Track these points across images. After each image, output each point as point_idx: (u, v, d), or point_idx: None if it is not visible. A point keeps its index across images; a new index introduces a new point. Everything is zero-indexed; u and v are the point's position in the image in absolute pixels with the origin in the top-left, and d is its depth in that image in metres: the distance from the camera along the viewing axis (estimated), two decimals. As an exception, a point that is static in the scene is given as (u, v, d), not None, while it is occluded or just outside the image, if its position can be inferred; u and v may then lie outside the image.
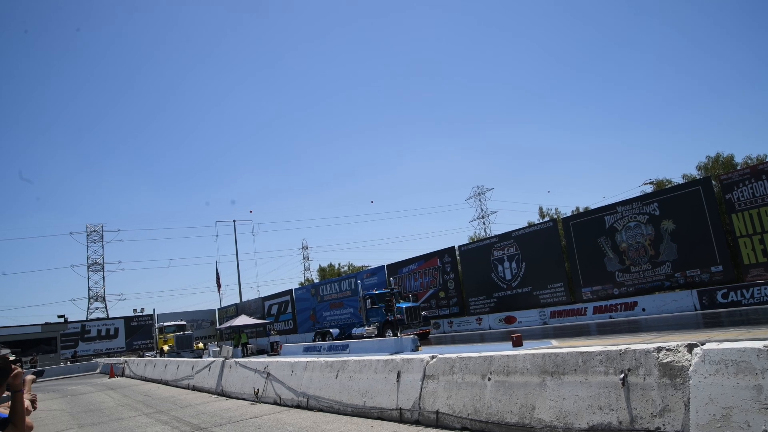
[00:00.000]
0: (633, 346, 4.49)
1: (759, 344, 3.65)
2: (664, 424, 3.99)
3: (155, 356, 36.72)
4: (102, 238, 65.07)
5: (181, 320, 46.47)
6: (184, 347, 36.83)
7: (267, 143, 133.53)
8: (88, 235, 64.51)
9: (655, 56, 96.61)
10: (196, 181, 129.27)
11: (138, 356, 41.10)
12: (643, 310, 22.96)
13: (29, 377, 2.63)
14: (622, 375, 4.38)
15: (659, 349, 4.24)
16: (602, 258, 25.29)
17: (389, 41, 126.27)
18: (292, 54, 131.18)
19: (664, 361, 4.15)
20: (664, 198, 23.43)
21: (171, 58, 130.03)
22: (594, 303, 25.17)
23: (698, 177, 29.91)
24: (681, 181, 31.68)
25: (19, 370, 2.16)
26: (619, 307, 23.98)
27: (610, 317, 23.90)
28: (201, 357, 25.13)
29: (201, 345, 39.81)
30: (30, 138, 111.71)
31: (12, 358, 2.62)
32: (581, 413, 4.63)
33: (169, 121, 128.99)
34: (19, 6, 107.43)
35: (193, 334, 41.83)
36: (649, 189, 36.98)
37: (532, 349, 6.55)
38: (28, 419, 2.24)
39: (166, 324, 42.29)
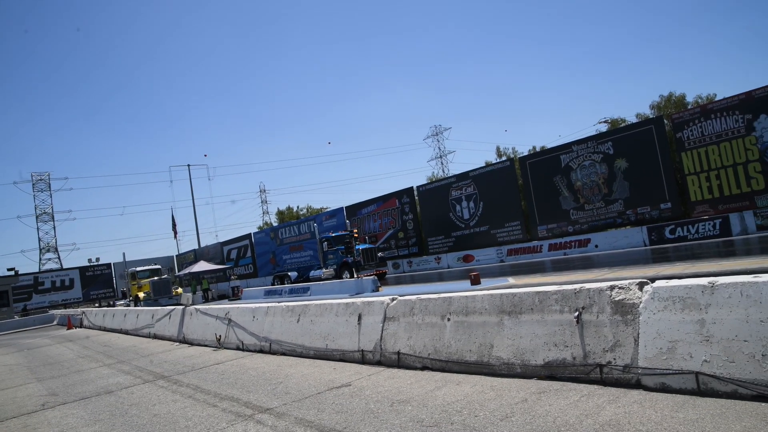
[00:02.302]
0: (587, 285, 4.62)
1: (704, 281, 3.80)
2: (615, 359, 4.17)
3: (129, 305, 35.57)
4: (49, 187, 62.77)
5: (156, 264, 42.74)
6: (161, 293, 33.28)
7: (222, 86, 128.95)
8: (34, 184, 62.08)
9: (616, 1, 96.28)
10: (148, 126, 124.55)
11: (104, 306, 39.87)
12: (596, 246, 23.80)
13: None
14: (577, 313, 4.52)
15: (612, 288, 4.38)
16: (558, 197, 25.85)
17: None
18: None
19: (617, 299, 4.29)
20: (618, 137, 23.88)
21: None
22: (549, 240, 25.91)
23: (651, 116, 30.49)
24: (635, 120, 32.28)
25: None
26: (573, 244, 24.76)
27: (565, 254, 24.71)
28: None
29: (180, 290, 37.04)
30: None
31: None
32: (537, 350, 4.79)
33: (118, 61, 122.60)
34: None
35: (170, 278, 37.76)
36: (603, 128, 37.61)
37: (489, 287, 6.69)
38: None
39: (138, 269, 38.41)
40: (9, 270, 49.05)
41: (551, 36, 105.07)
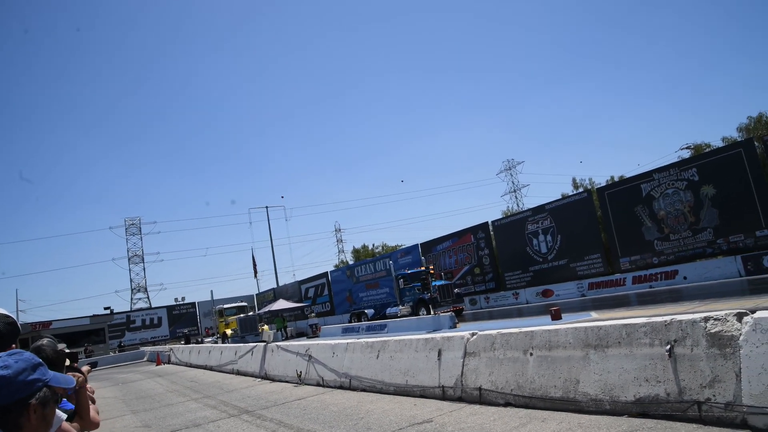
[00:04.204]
0: (678, 317, 4.41)
1: (813, 310, 3.55)
2: (714, 395, 3.93)
3: (216, 342, 36.48)
4: (140, 230, 66.69)
5: (242, 302, 43.17)
6: (247, 330, 33.36)
7: (296, 127, 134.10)
8: (126, 229, 66.22)
9: (689, 17, 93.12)
10: (226, 170, 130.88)
11: (186, 343, 41.35)
12: (685, 278, 22.47)
13: (86, 368, 2.73)
14: (668, 346, 4.31)
15: (706, 319, 4.16)
16: (640, 227, 24.77)
17: (418, 22, 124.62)
18: (322, 36, 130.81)
19: (712, 331, 4.07)
20: (704, 162, 22.72)
21: (197, 42, 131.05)
22: (633, 273, 24.74)
23: (739, 139, 28.88)
24: (721, 144, 30.66)
25: (82, 376, 2.27)
26: (659, 276, 23.51)
27: (650, 287, 23.48)
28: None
29: (266, 327, 37.77)
30: (68, 140, 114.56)
31: (67, 351, 2.72)
32: (627, 386, 4.59)
33: (194, 110, 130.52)
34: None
35: (256, 315, 37.53)
36: (686, 154, 35.94)
37: (572, 322, 6.49)
38: (92, 412, 2.35)
39: (225, 306, 39.12)
40: (105, 309, 52.47)
41: (625, 61, 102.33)
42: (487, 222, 33.63)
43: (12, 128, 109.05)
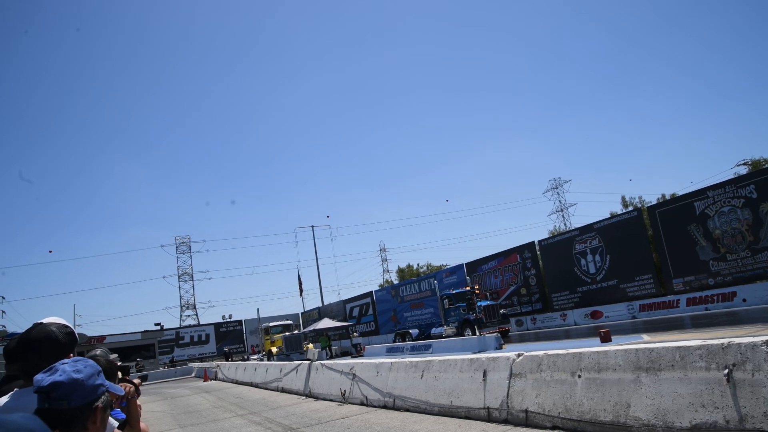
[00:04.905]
0: (737, 340, 4.23)
1: None
2: (777, 423, 3.73)
3: (262, 359, 37.03)
4: (190, 249, 68.55)
5: (288, 320, 43.79)
6: (293, 349, 33.31)
7: (341, 147, 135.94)
8: (177, 247, 68.19)
9: (740, 29, 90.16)
10: (273, 190, 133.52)
11: (226, 360, 41.91)
12: (744, 300, 21.45)
13: (137, 380, 2.83)
14: (727, 371, 4.13)
15: None
16: (694, 246, 23.87)
17: (465, 41, 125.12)
18: (365, 54, 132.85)
19: (774, 354, 3.88)
20: (763, 179, 21.78)
21: (246, 64, 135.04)
22: (687, 294, 23.80)
23: (799, 155, 27.61)
24: (780, 160, 29.36)
25: (131, 387, 2.35)
26: (715, 298, 22.54)
27: (706, 309, 22.52)
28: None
29: (311, 345, 37.73)
30: (129, 162, 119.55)
31: (119, 363, 2.82)
32: (682, 411, 4.40)
33: (242, 131, 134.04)
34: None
35: (302, 334, 37.47)
36: (743, 170, 34.59)
37: (622, 344, 6.29)
38: (142, 423, 2.43)
39: (271, 324, 39.74)
40: (156, 325, 53.98)
41: (677, 76, 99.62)
42: (533, 241, 33.09)
43: (65, 149, 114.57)
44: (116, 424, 2.14)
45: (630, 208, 36.07)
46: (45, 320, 2.01)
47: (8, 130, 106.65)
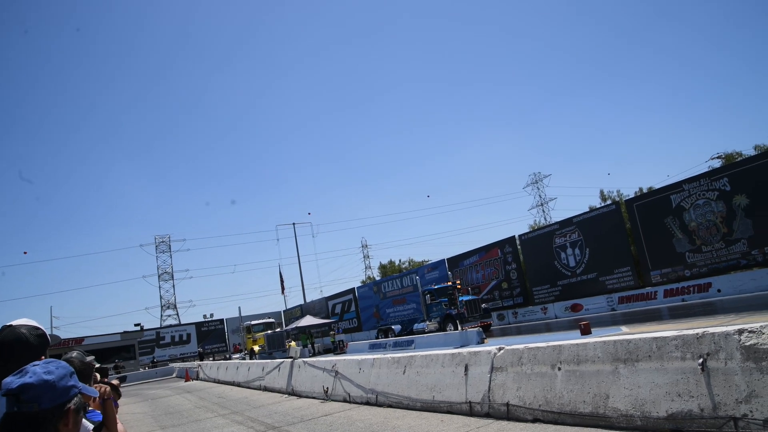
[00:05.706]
0: (711, 329, 4.31)
1: None
2: (751, 411, 3.81)
3: (244, 358, 36.85)
4: (170, 248, 67.77)
5: (270, 318, 43.64)
6: (275, 347, 33.26)
7: (322, 143, 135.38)
8: (156, 246, 67.35)
9: (714, 26, 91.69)
10: (254, 188, 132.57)
11: (200, 360, 41.41)
12: (719, 291, 21.88)
13: (115, 382, 2.79)
14: (701, 360, 4.20)
15: (740, 332, 4.05)
16: (670, 239, 24.25)
17: (443, 35, 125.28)
18: (346, 52, 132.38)
19: (747, 343, 3.96)
20: (735, 172, 22.20)
21: (224, 57, 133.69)
22: (664, 286, 24.20)
23: (771, 147, 28.19)
24: (753, 152, 29.94)
25: (106, 388, 2.33)
26: (691, 289, 22.95)
27: (683, 300, 22.92)
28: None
29: (293, 343, 37.53)
30: (106, 161, 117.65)
31: (97, 365, 2.79)
32: (659, 401, 4.48)
33: (221, 128, 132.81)
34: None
35: (284, 332, 37.46)
36: (717, 164, 35.23)
37: (601, 336, 6.38)
38: (120, 424, 2.40)
39: (253, 323, 39.51)
40: (135, 325, 53.27)
41: (653, 72, 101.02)
42: (514, 236, 33.30)
43: (47, 150, 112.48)
44: (91, 426, 2.11)
45: (608, 202, 36.51)
46: (15, 322, 1.97)
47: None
